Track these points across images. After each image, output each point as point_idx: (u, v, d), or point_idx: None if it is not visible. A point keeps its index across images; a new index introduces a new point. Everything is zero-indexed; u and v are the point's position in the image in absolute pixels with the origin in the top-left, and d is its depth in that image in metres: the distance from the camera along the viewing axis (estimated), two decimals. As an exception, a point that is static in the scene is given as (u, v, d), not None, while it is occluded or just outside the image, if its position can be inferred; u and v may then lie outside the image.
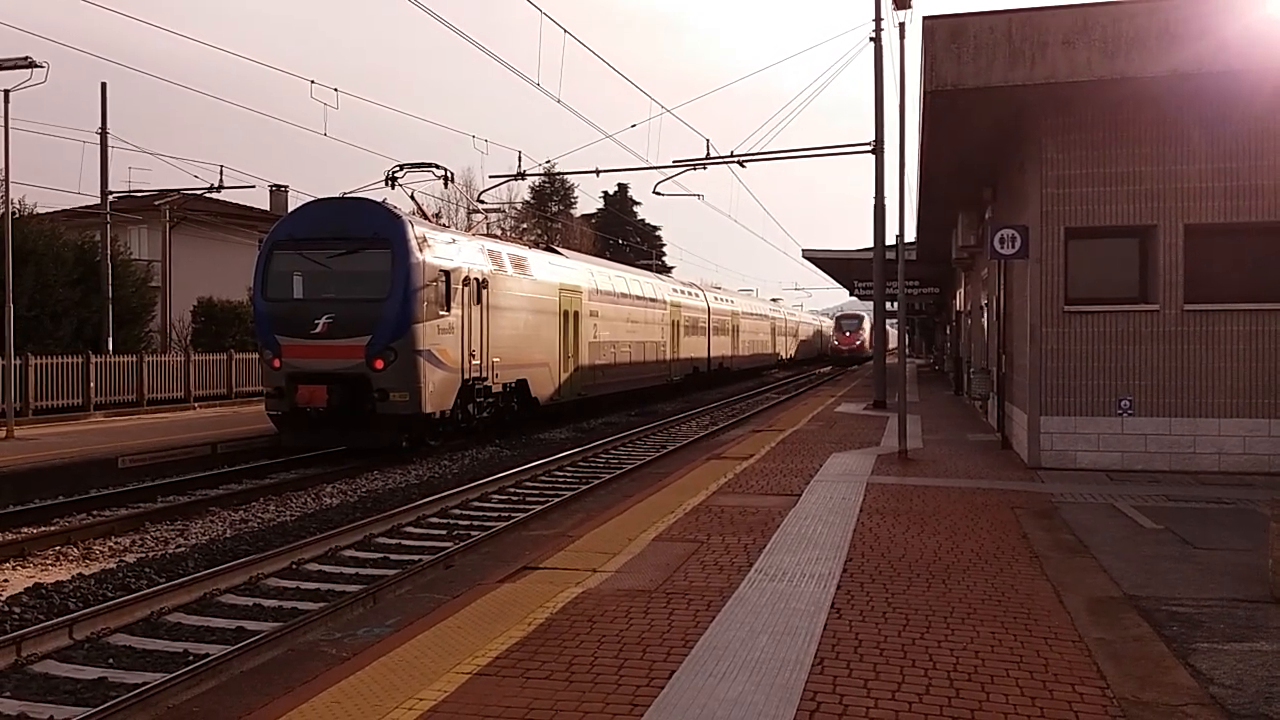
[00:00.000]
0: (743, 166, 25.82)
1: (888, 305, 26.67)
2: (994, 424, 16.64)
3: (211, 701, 4.98)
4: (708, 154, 25.43)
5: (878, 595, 6.42)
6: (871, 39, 23.19)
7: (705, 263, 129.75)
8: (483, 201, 34.39)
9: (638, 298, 30.81)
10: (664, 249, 78.21)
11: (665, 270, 66.14)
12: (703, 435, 21.45)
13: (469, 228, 31.82)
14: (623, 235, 69.52)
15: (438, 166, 20.86)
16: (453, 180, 22.73)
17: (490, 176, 54.20)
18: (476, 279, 18.64)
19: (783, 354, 61.33)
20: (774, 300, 69.93)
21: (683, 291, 37.83)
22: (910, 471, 12.32)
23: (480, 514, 12.58)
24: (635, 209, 75.48)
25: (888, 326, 34.40)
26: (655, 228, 78.89)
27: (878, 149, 22.88)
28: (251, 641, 7.13)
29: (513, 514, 12.31)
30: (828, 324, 79.62)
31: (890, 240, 22.83)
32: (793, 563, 7.32)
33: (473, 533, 11.41)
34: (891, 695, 4.67)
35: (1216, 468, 11.93)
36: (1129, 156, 12.23)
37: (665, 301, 33.84)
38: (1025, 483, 11.44)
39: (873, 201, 22.97)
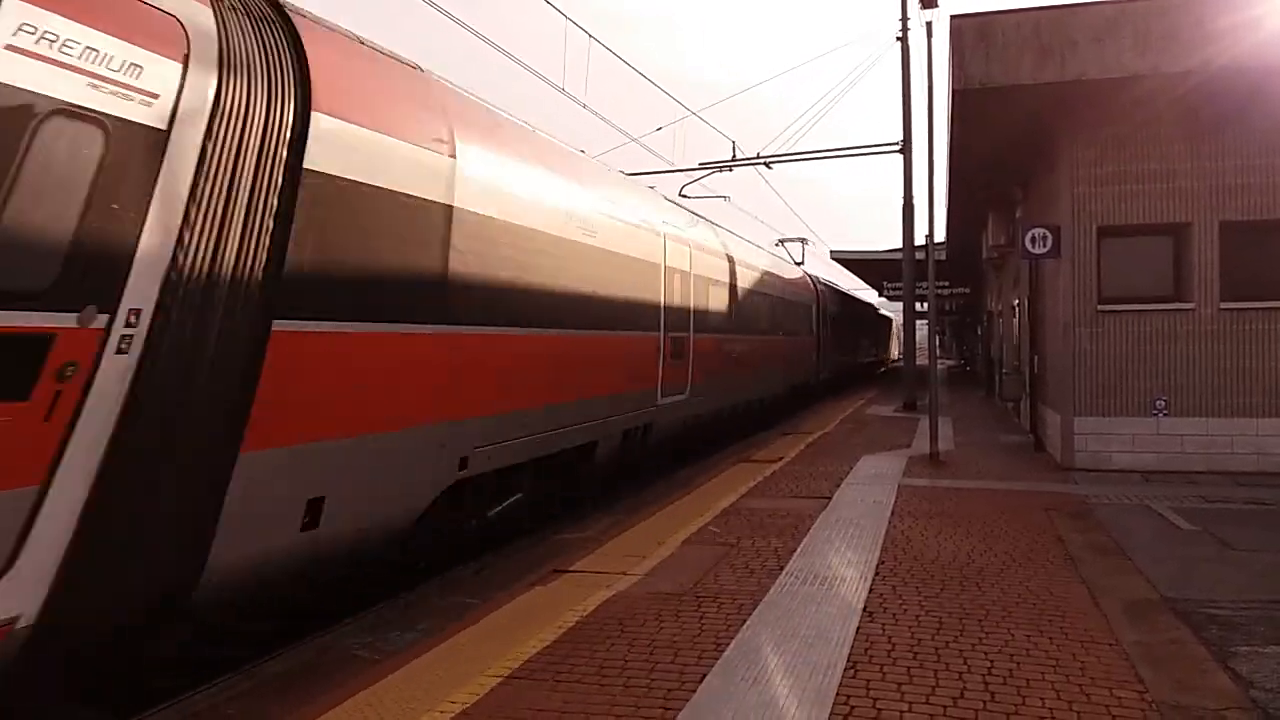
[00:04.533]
0: (769, 168, 25.76)
1: (918, 306, 26.46)
2: (1026, 425, 16.47)
3: (244, 704, 5.02)
4: (734, 156, 25.39)
5: (910, 598, 6.37)
6: (898, 39, 23.11)
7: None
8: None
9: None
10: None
11: None
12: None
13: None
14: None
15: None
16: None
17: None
18: None
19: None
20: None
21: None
22: (942, 473, 12.22)
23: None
24: (662, 212, 75.47)
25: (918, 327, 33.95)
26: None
27: (905, 149, 22.75)
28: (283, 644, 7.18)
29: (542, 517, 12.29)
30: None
31: (920, 240, 22.70)
32: (824, 565, 7.28)
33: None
34: (925, 699, 4.63)
35: (1255, 468, 11.73)
36: (1161, 154, 12.09)
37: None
38: (1059, 484, 11.31)
39: (901, 201, 22.86)
